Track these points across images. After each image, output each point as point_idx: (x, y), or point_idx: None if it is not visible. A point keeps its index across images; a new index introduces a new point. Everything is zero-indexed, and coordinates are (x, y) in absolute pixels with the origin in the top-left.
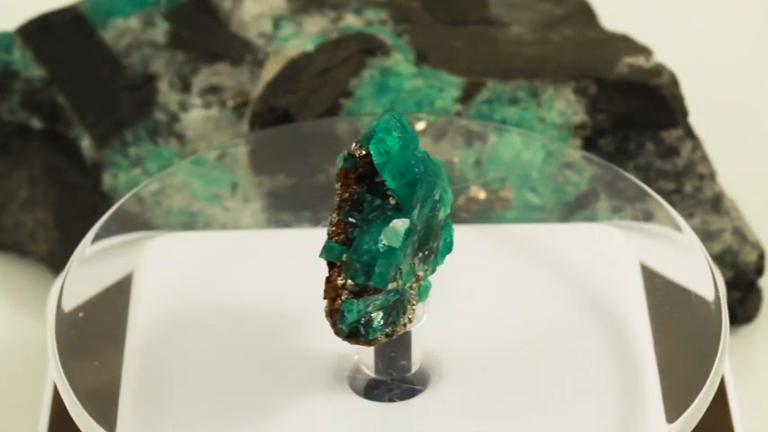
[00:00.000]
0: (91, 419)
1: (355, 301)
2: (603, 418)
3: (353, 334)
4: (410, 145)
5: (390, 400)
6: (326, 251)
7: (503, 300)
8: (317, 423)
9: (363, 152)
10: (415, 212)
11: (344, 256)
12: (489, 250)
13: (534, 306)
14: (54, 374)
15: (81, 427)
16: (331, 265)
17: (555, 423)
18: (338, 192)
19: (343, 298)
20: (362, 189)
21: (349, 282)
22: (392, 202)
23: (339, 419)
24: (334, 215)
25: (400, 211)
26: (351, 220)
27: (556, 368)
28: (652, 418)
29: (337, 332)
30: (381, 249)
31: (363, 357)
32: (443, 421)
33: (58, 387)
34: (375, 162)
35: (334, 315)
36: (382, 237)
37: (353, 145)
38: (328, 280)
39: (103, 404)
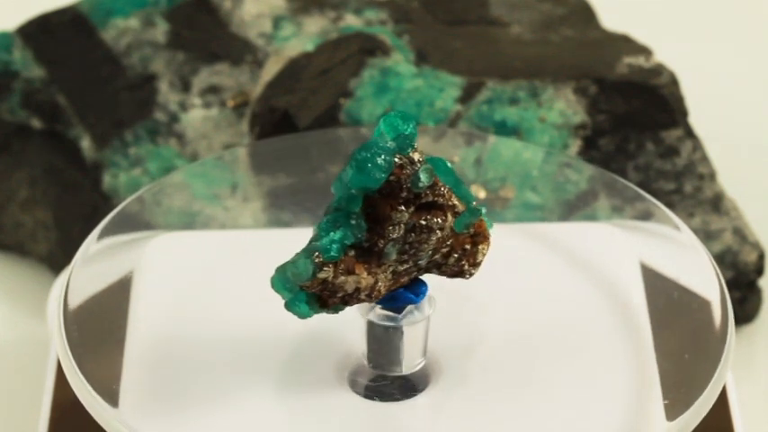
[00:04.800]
0: (100, 398)
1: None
2: (604, 417)
3: None
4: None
5: (390, 400)
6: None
7: (502, 299)
8: (316, 422)
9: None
10: None
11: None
12: (489, 249)
13: (534, 305)
14: (61, 357)
15: (86, 405)
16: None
17: (555, 422)
18: (445, 197)
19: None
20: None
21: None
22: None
23: (339, 419)
24: (463, 206)
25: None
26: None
27: (556, 367)
28: (653, 416)
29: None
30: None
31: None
32: (443, 421)
33: (64, 369)
34: (414, 133)
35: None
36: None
37: (413, 163)
38: (477, 229)
39: (107, 390)
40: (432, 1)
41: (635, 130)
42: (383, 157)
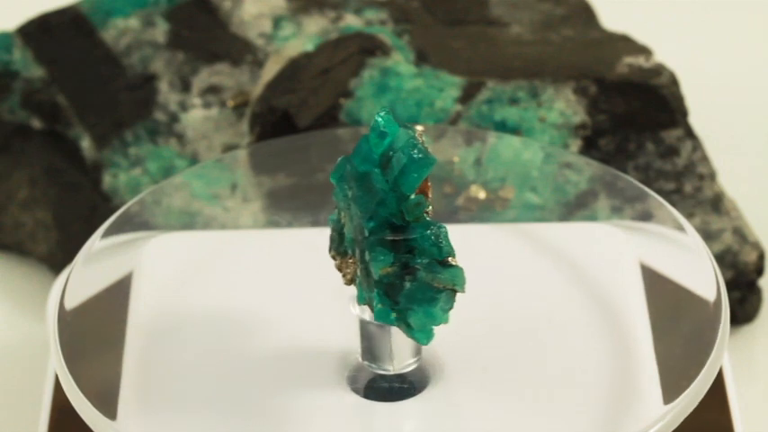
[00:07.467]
0: (93, 408)
1: None
2: (603, 406)
3: None
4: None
5: (390, 400)
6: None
7: (503, 299)
8: (316, 422)
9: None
10: None
11: None
12: (489, 250)
13: (534, 305)
14: (57, 368)
15: (83, 416)
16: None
17: (554, 415)
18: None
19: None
20: None
21: None
22: None
23: (338, 418)
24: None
25: None
26: None
27: (555, 365)
28: (650, 400)
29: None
30: None
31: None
32: (443, 421)
33: (60, 379)
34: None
35: None
36: None
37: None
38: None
39: (105, 398)
40: (432, 1)
41: (635, 130)
42: (418, 144)
